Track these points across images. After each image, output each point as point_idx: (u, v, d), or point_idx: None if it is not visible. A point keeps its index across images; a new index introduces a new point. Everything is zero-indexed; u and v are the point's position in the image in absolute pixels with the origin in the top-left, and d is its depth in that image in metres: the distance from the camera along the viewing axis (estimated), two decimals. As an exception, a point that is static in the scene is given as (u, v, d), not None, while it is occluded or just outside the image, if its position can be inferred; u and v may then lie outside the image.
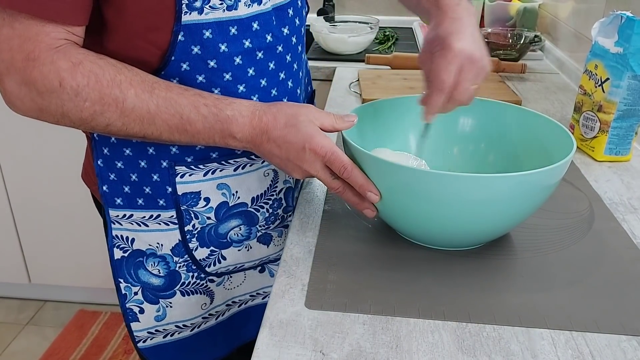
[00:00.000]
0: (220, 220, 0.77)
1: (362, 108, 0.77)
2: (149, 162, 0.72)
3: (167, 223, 0.75)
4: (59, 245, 1.87)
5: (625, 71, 0.87)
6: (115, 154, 0.72)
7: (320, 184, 0.83)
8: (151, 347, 0.83)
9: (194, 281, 0.80)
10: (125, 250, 0.77)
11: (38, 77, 0.58)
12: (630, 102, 0.89)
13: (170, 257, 0.77)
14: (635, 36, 0.85)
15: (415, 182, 0.59)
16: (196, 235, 0.76)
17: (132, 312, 0.80)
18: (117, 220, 0.75)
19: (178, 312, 0.81)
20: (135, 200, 0.74)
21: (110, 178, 0.74)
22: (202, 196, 0.74)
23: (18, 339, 1.87)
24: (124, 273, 0.78)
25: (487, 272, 0.64)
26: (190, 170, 0.72)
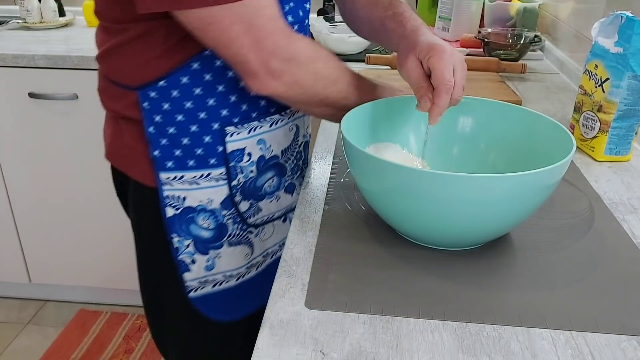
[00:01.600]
0: (259, 172, 0.86)
1: (362, 108, 0.77)
2: (200, 126, 0.79)
3: (217, 180, 0.83)
4: (59, 245, 1.87)
5: (625, 71, 0.87)
6: (168, 120, 0.78)
7: (320, 184, 0.84)
8: (200, 297, 0.90)
9: (239, 232, 0.88)
10: (177, 207, 0.83)
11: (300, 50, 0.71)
12: (630, 102, 0.89)
13: (219, 211, 0.85)
14: (635, 36, 0.85)
15: (415, 182, 0.59)
16: (240, 189, 0.85)
17: (184, 263, 0.87)
18: (168, 182, 0.81)
19: (225, 262, 0.89)
20: (185, 163, 0.81)
21: (161, 143, 0.79)
22: (245, 152, 0.83)
23: (19, 338, 1.87)
24: (176, 228, 0.84)
25: (487, 272, 0.64)
26: (238, 130, 0.81)
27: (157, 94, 0.76)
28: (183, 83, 0.75)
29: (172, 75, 0.74)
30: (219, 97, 0.77)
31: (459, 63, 0.70)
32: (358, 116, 0.75)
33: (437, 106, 0.69)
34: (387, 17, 0.83)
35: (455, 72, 0.69)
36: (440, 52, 0.69)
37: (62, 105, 1.65)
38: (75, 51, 1.61)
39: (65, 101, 1.64)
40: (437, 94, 0.69)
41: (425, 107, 0.70)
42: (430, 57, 0.69)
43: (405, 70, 0.73)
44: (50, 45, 1.68)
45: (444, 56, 0.68)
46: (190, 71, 0.75)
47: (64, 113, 1.66)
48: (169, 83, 0.75)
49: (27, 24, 1.88)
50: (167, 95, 0.76)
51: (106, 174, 1.74)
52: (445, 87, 0.68)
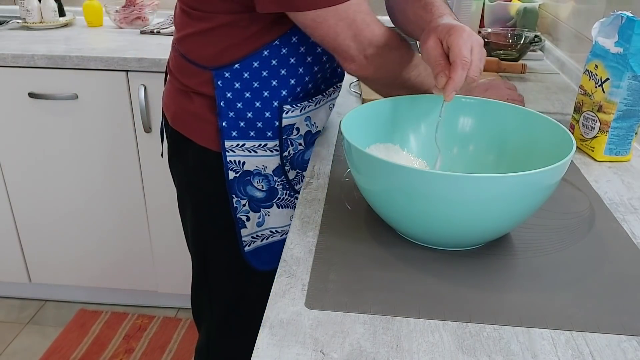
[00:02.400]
0: (306, 146, 0.98)
1: (362, 108, 0.77)
2: (263, 103, 0.91)
3: (271, 150, 0.95)
4: (59, 245, 1.87)
5: (626, 71, 0.87)
6: (237, 97, 0.90)
7: (320, 185, 0.84)
8: (252, 250, 1.02)
9: (286, 197, 1.00)
10: (237, 171, 0.95)
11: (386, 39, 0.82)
12: (630, 102, 0.89)
13: (272, 176, 0.97)
14: (635, 36, 0.85)
15: (416, 182, 0.59)
16: (289, 160, 0.97)
17: (241, 220, 0.99)
18: (231, 149, 0.93)
19: (273, 220, 1.01)
20: (248, 133, 0.93)
21: (229, 115, 0.91)
22: (295, 127, 0.95)
23: (19, 338, 1.87)
24: (235, 189, 0.96)
25: (487, 272, 0.64)
26: (292, 108, 0.93)
27: (231, 75, 0.88)
28: (254, 67, 0.87)
29: (246, 59, 0.87)
30: (281, 79, 0.89)
31: (477, 44, 0.73)
32: (358, 116, 0.75)
33: (453, 80, 0.71)
34: (419, 7, 0.88)
35: (473, 52, 0.72)
36: (460, 31, 0.73)
37: (62, 105, 1.65)
38: (75, 51, 1.60)
39: (65, 101, 1.64)
40: (454, 68, 0.71)
41: (442, 82, 0.72)
42: (449, 36, 0.73)
43: (425, 49, 0.75)
44: (50, 45, 1.68)
45: (463, 35, 0.72)
46: (261, 57, 0.87)
47: (64, 113, 1.66)
48: (242, 66, 0.87)
49: (27, 23, 1.88)
50: (239, 76, 0.88)
51: (106, 174, 1.74)
52: (462, 63, 0.71)
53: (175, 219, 1.75)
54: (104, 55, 1.57)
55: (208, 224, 1.03)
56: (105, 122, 1.66)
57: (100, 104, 1.64)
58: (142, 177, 1.73)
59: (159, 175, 1.71)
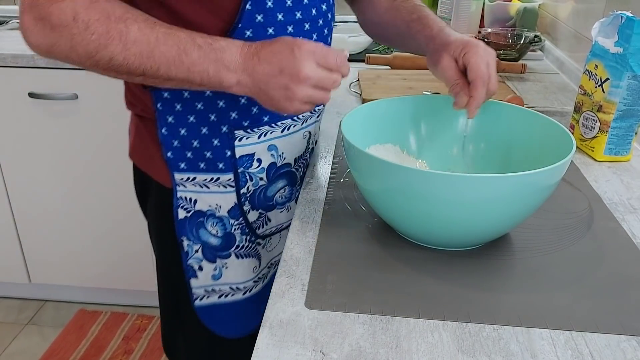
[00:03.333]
0: (270, 181, 0.85)
1: (362, 108, 0.77)
2: (210, 128, 0.78)
3: (225, 186, 0.82)
4: (59, 245, 1.87)
5: (625, 71, 0.87)
6: (180, 121, 0.78)
7: (320, 185, 0.83)
8: (206, 307, 0.89)
9: (247, 244, 0.87)
10: (189, 210, 0.83)
11: (54, 12, 0.63)
12: (630, 102, 0.89)
13: (227, 219, 0.84)
14: (635, 36, 0.85)
15: (415, 182, 0.59)
16: (249, 198, 0.84)
17: (191, 268, 0.86)
18: (181, 183, 0.82)
19: (232, 274, 0.87)
20: (197, 164, 0.81)
21: (174, 145, 0.80)
22: (255, 157, 0.81)
23: (18, 338, 1.87)
24: (186, 231, 0.84)
25: (487, 272, 0.64)
26: (247, 134, 0.79)
27: (170, 95, 0.76)
28: None
29: None
30: (229, 98, 0.76)
31: (492, 58, 0.74)
32: (358, 116, 0.75)
33: (475, 99, 0.72)
34: (412, 21, 0.85)
35: (490, 66, 0.73)
36: (475, 47, 0.73)
37: (62, 105, 1.65)
38: (75, 51, 1.60)
39: (65, 101, 1.64)
40: (474, 87, 0.72)
41: (463, 102, 0.73)
42: (465, 53, 0.72)
43: (441, 68, 0.75)
44: (50, 45, 1.68)
45: (479, 51, 0.72)
46: None
47: (64, 113, 1.66)
48: None
49: (26, 24, 1.87)
50: (179, 95, 0.76)
51: (106, 174, 1.74)
52: (482, 81, 0.71)
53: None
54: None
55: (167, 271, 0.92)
56: (105, 122, 1.66)
57: (100, 104, 1.64)
58: (142, 177, 1.73)
59: (158, 176, 1.71)
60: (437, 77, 0.78)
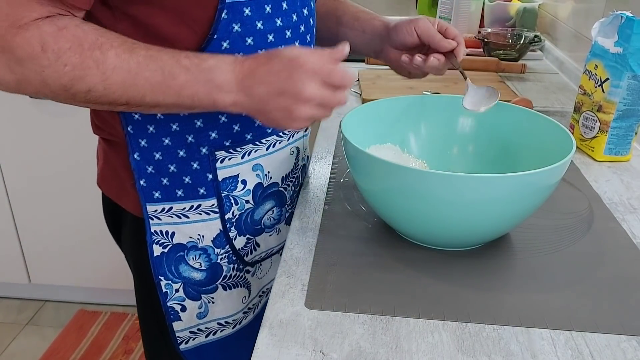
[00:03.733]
0: (257, 204, 0.78)
1: (362, 108, 0.77)
2: (188, 150, 0.71)
3: (207, 212, 0.74)
4: (59, 245, 1.87)
5: (625, 71, 0.87)
6: (154, 145, 0.71)
7: (320, 185, 0.83)
8: (193, 349, 0.81)
9: (235, 273, 0.80)
10: (165, 245, 0.75)
11: (20, 43, 0.56)
12: (630, 102, 0.89)
13: (212, 248, 0.77)
14: (634, 36, 0.85)
15: (415, 182, 0.59)
16: (235, 224, 0.77)
17: (173, 310, 0.78)
18: (155, 216, 0.74)
19: (220, 308, 0.80)
20: (174, 192, 0.73)
21: (148, 171, 0.72)
22: (239, 179, 0.75)
23: (18, 339, 1.87)
24: (164, 270, 0.76)
25: (487, 272, 0.64)
26: (229, 154, 0.72)
27: (141, 116, 0.69)
28: None
29: None
30: (207, 117, 0.70)
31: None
32: (358, 116, 0.75)
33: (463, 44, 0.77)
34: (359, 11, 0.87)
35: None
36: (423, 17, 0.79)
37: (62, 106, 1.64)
38: (75, 51, 1.60)
39: (64, 101, 1.64)
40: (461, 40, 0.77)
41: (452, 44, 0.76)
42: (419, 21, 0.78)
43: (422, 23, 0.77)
44: (49, 45, 1.68)
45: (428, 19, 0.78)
46: None
47: (64, 114, 1.66)
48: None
49: (26, 24, 1.87)
50: (151, 117, 0.69)
51: (106, 174, 1.74)
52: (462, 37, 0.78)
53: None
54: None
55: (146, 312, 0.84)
56: (105, 123, 1.66)
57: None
58: (142, 177, 1.73)
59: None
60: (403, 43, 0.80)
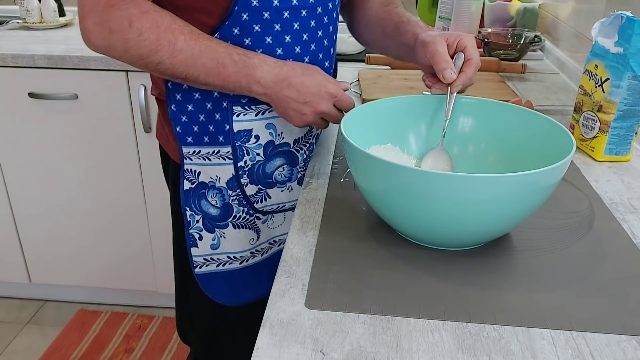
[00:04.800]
0: (268, 158, 0.90)
1: (362, 108, 0.77)
2: (214, 103, 0.85)
3: (224, 158, 0.88)
4: (59, 245, 1.87)
5: (626, 71, 0.87)
6: (187, 98, 0.85)
7: (320, 184, 0.84)
8: (205, 274, 0.95)
9: (244, 216, 0.92)
10: (193, 182, 0.90)
11: (113, 18, 0.72)
12: (631, 102, 0.89)
13: (226, 189, 0.90)
14: (635, 36, 0.85)
15: (415, 182, 0.59)
16: (247, 172, 0.89)
17: (192, 238, 0.93)
18: (188, 156, 0.88)
19: (230, 244, 0.93)
20: (202, 138, 0.87)
21: (182, 120, 0.86)
22: (253, 134, 0.87)
23: (19, 337, 1.87)
24: (190, 202, 0.91)
25: (487, 272, 0.64)
26: (245, 110, 0.85)
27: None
28: None
29: None
30: None
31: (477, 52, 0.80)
32: (358, 116, 0.75)
33: (465, 74, 0.77)
34: (401, 22, 0.90)
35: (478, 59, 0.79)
36: (470, 37, 0.79)
37: (62, 105, 1.65)
38: (75, 51, 1.60)
39: (65, 101, 1.64)
40: (469, 65, 0.77)
41: (451, 76, 0.76)
42: (461, 39, 0.78)
43: (432, 45, 0.78)
44: (50, 45, 1.68)
45: (473, 41, 0.79)
46: None
47: (64, 113, 1.66)
48: None
49: (27, 24, 1.87)
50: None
51: (106, 174, 1.74)
52: (476, 63, 0.78)
53: (175, 219, 1.75)
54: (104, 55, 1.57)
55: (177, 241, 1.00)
56: (105, 122, 1.66)
57: (100, 104, 1.64)
58: (142, 177, 1.73)
59: (158, 175, 1.71)
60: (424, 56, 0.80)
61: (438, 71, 0.77)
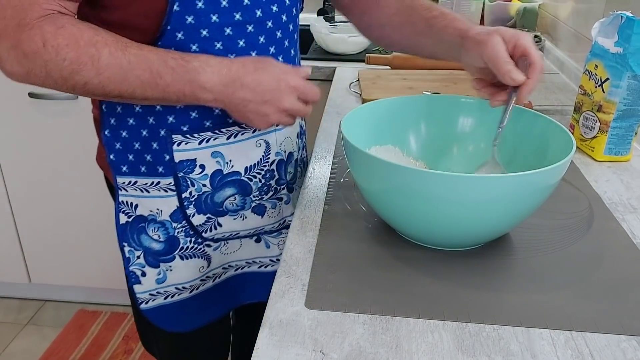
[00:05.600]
0: (216, 188, 0.81)
1: (362, 108, 0.77)
2: (150, 131, 0.77)
3: (165, 190, 0.80)
4: (59, 245, 1.87)
5: (625, 71, 0.87)
6: (121, 123, 0.77)
7: (320, 185, 0.83)
8: (152, 309, 0.88)
9: (192, 246, 0.85)
10: (130, 215, 0.82)
11: (25, 40, 0.63)
12: (630, 102, 0.89)
13: (169, 222, 0.82)
14: (635, 36, 0.85)
15: (415, 182, 0.59)
16: (193, 203, 0.81)
17: (134, 275, 0.85)
18: (123, 187, 0.81)
19: (177, 275, 0.86)
20: (138, 168, 0.79)
21: (116, 147, 0.79)
22: (197, 163, 0.78)
23: (18, 338, 1.87)
24: (127, 237, 0.83)
25: (487, 272, 0.64)
26: (186, 139, 0.77)
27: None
28: None
29: None
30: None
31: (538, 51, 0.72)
32: (358, 116, 0.75)
33: (533, 81, 0.68)
34: (433, 17, 0.81)
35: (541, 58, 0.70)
36: (527, 36, 0.70)
37: (62, 105, 1.65)
38: (75, 51, 1.60)
39: (65, 101, 1.64)
40: (534, 70, 0.69)
41: (520, 80, 0.68)
42: (519, 39, 0.69)
43: (491, 46, 0.70)
44: (49, 45, 1.68)
45: (530, 39, 0.70)
46: None
47: (64, 113, 1.66)
48: None
49: (26, 24, 1.87)
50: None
51: (106, 174, 1.74)
52: (540, 67, 0.69)
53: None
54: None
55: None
56: (105, 122, 1.66)
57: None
58: (142, 177, 1.73)
59: (158, 176, 1.71)
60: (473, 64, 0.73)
61: (503, 74, 0.69)
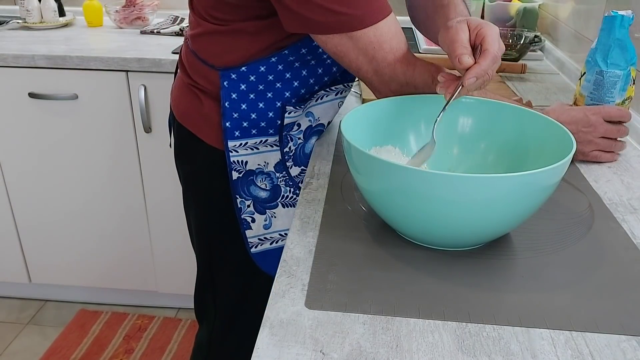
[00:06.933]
0: (306, 139, 0.99)
1: (362, 108, 0.77)
2: (266, 103, 0.93)
3: (272, 145, 0.97)
4: (59, 245, 1.87)
5: (595, 66, 0.87)
6: (242, 98, 0.92)
7: (321, 184, 0.84)
8: (260, 252, 1.03)
9: (291, 196, 1.01)
10: (240, 171, 0.96)
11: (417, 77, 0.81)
12: (595, 97, 0.89)
13: (274, 173, 0.98)
14: (602, 32, 0.85)
15: (415, 182, 0.59)
16: (292, 156, 0.99)
17: (246, 221, 0.99)
18: (234, 149, 0.95)
19: (280, 222, 1.02)
20: (250, 131, 0.95)
21: (233, 116, 0.93)
22: (296, 123, 0.97)
23: (19, 338, 1.87)
24: (239, 190, 0.97)
25: (487, 272, 0.65)
26: (295, 109, 0.94)
27: (237, 77, 0.89)
28: (261, 71, 0.89)
29: (253, 63, 0.88)
30: (285, 82, 0.92)
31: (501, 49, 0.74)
32: (358, 116, 0.75)
33: (480, 65, 0.70)
34: (442, 6, 0.92)
35: (499, 50, 0.73)
36: (492, 26, 0.74)
37: (62, 105, 1.65)
38: (75, 51, 1.60)
39: (65, 101, 1.64)
40: (484, 56, 0.70)
41: (468, 62, 0.70)
42: (481, 28, 0.73)
43: (453, 31, 0.73)
44: (50, 45, 1.68)
45: (495, 30, 0.73)
46: (269, 63, 0.88)
47: (64, 113, 1.66)
48: (249, 69, 0.88)
49: (27, 24, 1.88)
50: (245, 78, 0.89)
51: (106, 174, 1.74)
52: (492, 55, 0.70)
53: (175, 219, 1.76)
54: (104, 55, 1.57)
55: (213, 223, 1.04)
56: (105, 122, 1.67)
57: (100, 104, 1.64)
58: (142, 177, 1.73)
59: (159, 175, 1.71)
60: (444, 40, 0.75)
61: (454, 57, 0.71)
